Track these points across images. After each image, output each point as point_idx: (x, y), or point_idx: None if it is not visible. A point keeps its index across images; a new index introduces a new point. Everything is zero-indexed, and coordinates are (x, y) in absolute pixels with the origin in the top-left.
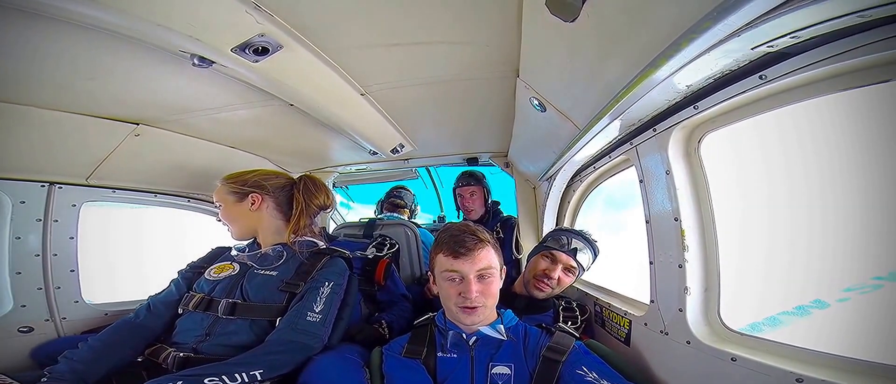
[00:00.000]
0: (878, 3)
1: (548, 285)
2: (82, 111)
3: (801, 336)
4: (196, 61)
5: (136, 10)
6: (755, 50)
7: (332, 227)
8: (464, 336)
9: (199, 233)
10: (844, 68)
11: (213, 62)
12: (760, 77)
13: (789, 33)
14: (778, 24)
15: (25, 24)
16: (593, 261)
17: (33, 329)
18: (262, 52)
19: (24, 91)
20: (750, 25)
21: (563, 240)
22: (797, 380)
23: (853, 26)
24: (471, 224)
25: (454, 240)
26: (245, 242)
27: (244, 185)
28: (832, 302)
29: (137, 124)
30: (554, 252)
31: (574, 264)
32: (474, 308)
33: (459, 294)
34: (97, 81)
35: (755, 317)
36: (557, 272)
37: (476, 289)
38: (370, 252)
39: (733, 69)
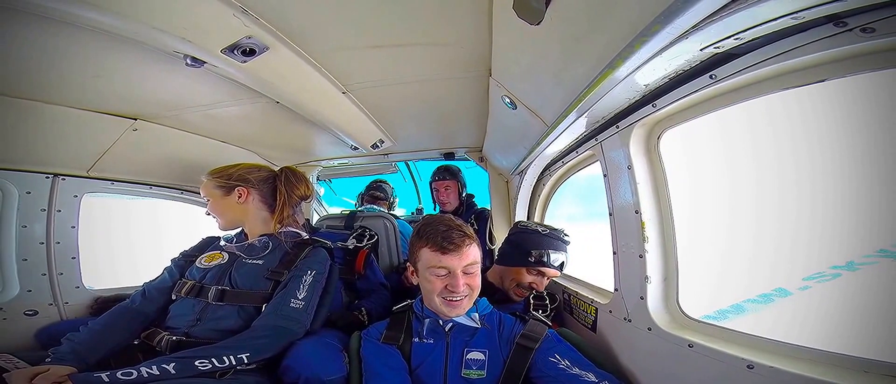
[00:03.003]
0: (807, 5)
1: (528, 293)
2: (84, 106)
3: (763, 323)
4: (189, 61)
5: (132, 12)
6: (703, 51)
7: (314, 219)
8: (440, 322)
9: (191, 224)
10: (786, 68)
11: (205, 62)
12: (711, 76)
13: (732, 35)
14: (721, 26)
15: (31, 25)
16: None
17: (38, 312)
18: (250, 53)
19: (31, 87)
20: (696, 28)
21: (556, 256)
22: (748, 367)
23: (789, 28)
24: (453, 218)
25: (442, 236)
26: (233, 232)
27: (229, 180)
28: (794, 290)
29: (135, 119)
30: (543, 269)
31: (559, 274)
32: (461, 300)
33: (446, 287)
34: (98, 78)
35: (719, 305)
36: (543, 285)
37: (463, 282)
38: (351, 243)
39: (686, 69)
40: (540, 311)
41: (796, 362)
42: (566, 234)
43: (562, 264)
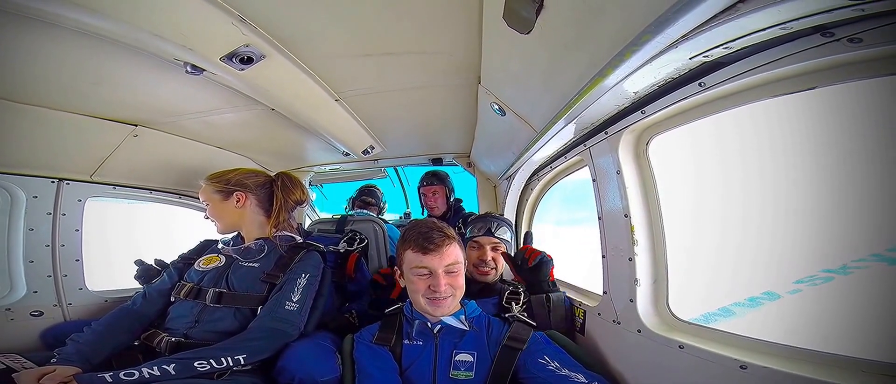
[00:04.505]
0: (795, 16)
1: (487, 268)
2: (87, 113)
3: (751, 325)
4: (189, 69)
5: (135, 20)
6: (693, 59)
7: (306, 223)
8: (429, 324)
9: (189, 227)
10: (775, 76)
11: (204, 70)
12: (700, 84)
13: (722, 44)
14: (711, 36)
15: (36, 31)
16: (513, 233)
17: (43, 313)
18: (248, 61)
19: (35, 93)
20: (686, 37)
21: (481, 225)
22: (741, 367)
23: (777, 38)
24: (436, 221)
25: (423, 237)
26: (230, 236)
27: (228, 184)
28: (783, 293)
29: (136, 125)
30: (476, 239)
31: (497, 240)
32: (444, 299)
33: (429, 287)
34: (100, 85)
35: (707, 308)
36: (489, 254)
37: (444, 282)
38: (342, 246)
39: (675, 77)
40: (513, 304)
41: (791, 362)
42: (503, 216)
43: (488, 230)
